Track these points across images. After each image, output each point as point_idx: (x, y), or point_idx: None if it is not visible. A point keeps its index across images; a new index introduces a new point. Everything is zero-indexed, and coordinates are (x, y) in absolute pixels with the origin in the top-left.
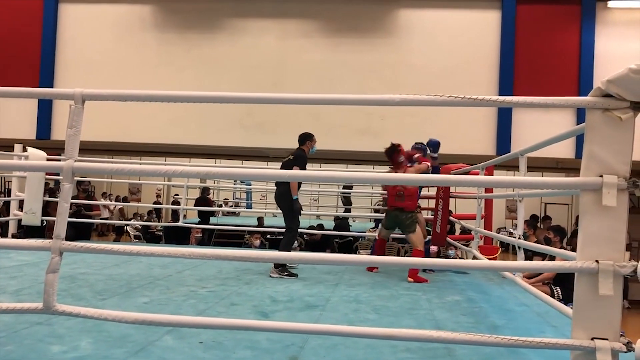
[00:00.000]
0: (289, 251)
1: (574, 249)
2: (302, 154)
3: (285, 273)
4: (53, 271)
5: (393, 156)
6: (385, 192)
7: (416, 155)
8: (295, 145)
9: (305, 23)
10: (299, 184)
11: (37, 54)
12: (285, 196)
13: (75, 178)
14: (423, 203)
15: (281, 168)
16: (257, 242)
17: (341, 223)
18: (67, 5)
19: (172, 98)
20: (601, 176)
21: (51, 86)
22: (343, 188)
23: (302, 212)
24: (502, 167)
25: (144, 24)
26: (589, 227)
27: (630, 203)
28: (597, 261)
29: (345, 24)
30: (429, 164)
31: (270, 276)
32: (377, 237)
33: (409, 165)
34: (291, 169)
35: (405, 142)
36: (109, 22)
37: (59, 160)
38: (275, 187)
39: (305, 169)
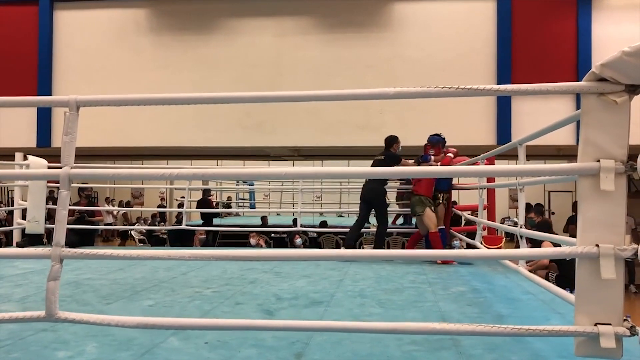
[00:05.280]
0: (384, 243)
1: (572, 236)
2: (391, 154)
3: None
4: (54, 279)
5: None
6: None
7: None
8: (294, 142)
9: (300, 20)
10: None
11: (35, 61)
12: (377, 192)
13: (78, 185)
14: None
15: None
16: (254, 241)
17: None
18: (62, 12)
19: (167, 101)
20: (598, 161)
21: (49, 93)
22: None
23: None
24: (503, 157)
25: (139, 27)
26: (588, 212)
27: (634, 187)
28: (597, 245)
29: (340, 19)
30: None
31: None
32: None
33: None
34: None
35: (406, 136)
36: (105, 27)
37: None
38: (365, 183)
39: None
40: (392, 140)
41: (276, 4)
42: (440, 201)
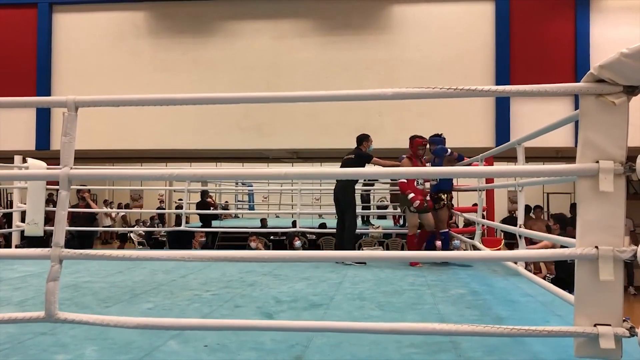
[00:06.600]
0: (354, 244)
1: (570, 237)
2: (362, 153)
3: (356, 262)
4: (53, 279)
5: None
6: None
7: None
8: (292, 145)
9: (299, 22)
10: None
11: (33, 64)
12: (344, 190)
13: (76, 187)
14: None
15: (342, 167)
16: (254, 245)
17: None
18: (60, 15)
19: (165, 101)
20: (597, 162)
21: (48, 95)
22: (363, 186)
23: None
24: (502, 158)
25: (138, 30)
26: (587, 213)
27: (632, 189)
28: (596, 247)
29: (339, 22)
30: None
31: (345, 264)
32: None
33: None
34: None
35: (405, 138)
36: (103, 30)
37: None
38: (336, 183)
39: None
40: (362, 138)
41: (274, 6)
42: (445, 202)
